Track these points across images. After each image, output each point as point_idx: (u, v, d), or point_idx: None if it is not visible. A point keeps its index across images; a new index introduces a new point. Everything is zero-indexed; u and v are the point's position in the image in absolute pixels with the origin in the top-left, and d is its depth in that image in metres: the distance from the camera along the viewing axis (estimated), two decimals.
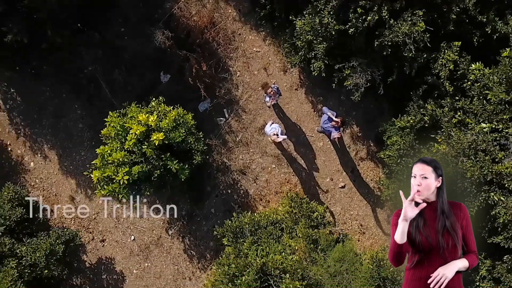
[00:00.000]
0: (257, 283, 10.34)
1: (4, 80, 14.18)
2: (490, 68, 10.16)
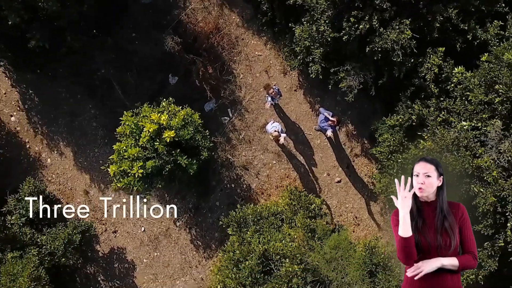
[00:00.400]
0: (259, 267, 11.34)
1: (23, 82, 15.21)
2: (471, 72, 11.19)
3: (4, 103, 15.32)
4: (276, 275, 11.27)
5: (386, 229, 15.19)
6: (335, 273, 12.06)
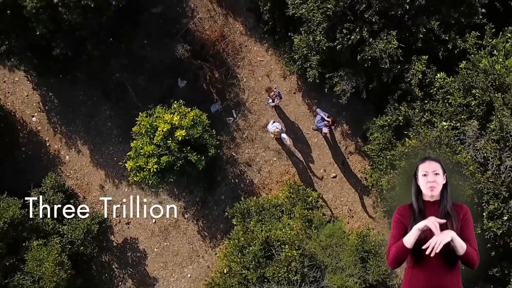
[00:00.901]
0: (262, 253, 12.64)
1: (44, 85, 16.50)
2: (452, 77, 12.48)
3: (26, 104, 16.61)
4: (277, 259, 12.57)
5: (378, 221, 16.49)
6: (330, 258, 13.35)
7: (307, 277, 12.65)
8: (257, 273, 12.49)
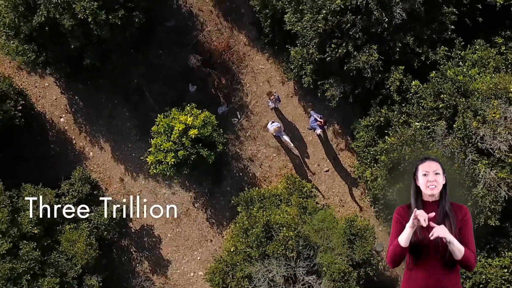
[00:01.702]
0: (263, 234, 14.82)
1: (70, 90, 18.69)
2: (425, 84, 14.67)
3: (55, 107, 18.81)
4: (276, 239, 14.76)
5: (365, 209, 18.68)
6: (322, 240, 15.52)
7: (301, 255, 14.84)
8: (259, 251, 14.69)
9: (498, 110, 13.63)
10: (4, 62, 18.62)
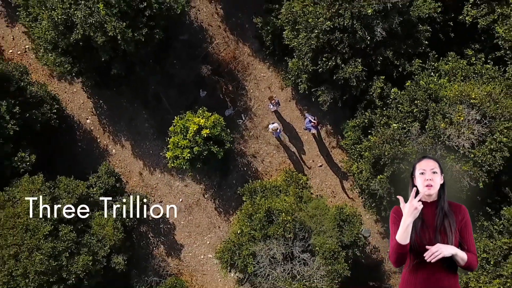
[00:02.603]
0: (265, 218, 17.41)
1: (96, 94, 21.30)
2: (402, 91, 17.27)
3: (82, 110, 21.43)
4: (276, 222, 17.36)
5: (354, 199, 21.29)
6: (315, 224, 18.11)
7: (297, 236, 17.44)
8: (261, 232, 17.29)
9: (462, 113, 16.23)
10: (37, 70, 21.25)
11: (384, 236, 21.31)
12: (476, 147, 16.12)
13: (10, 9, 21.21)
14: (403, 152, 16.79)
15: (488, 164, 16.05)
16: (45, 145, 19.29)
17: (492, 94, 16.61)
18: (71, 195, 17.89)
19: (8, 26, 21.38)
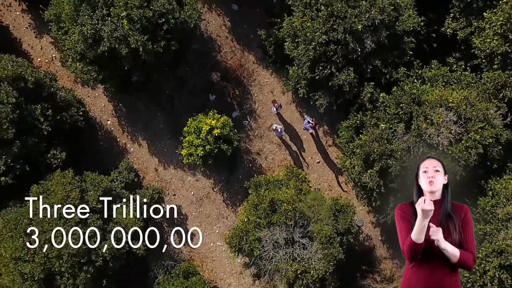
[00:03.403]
0: (269, 207, 19.74)
1: (116, 98, 23.65)
2: (389, 96, 19.62)
3: (103, 112, 23.79)
4: (279, 211, 19.70)
5: (348, 192, 23.63)
6: (313, 213, 20.44)
7: (298, 223, 19.78)
8: (266, 220, 19.63)
9: (442, 115, 18.58)
10: (63, 77, 23.61)
11: (376, 225, 23.65)
12: (453, 145, 18.46)
13: (38, 21, 23.57)
14: (390, 149, 19.14)
15: (464, 159, 18.37)
16: (73, 144, 21.60)
17: (468, 98, 18.98)
18: (96, 188, 20.21)
19: (36, 37, 23.74)
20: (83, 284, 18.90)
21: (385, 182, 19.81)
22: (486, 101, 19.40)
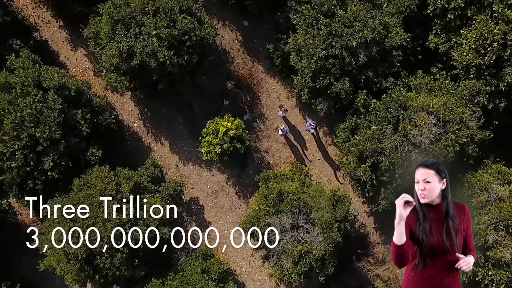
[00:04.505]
0: (277, 198, 23.04)
1: (141, 103, 26.96)
2: (380, 102, 22.93)
3: (130, 115, 27.11)
4: (285, 201, 22.99)
5: (345, 186, 26.93)
6: (315, 203, 23.74)
7: (301, 211, 23.09)
8: (274, 208, 22.94)
9: (424, 118, 21.89)
10: (95, 85, 26.93)
11: (370, 214, 26.95)
12: (434, 144, 21.79)
13: (74, 36, 26.90)
14: (380, 148, 22.47)
15: (443, 156, 21.68)
16: (107, 144, 24.90)
17: (447, 103, 22.33)
18: (128, 181, 23.52)
19: (72, 50, 27.08)
20: (119, 263, 22.20)
21: (376, 175, 23.13)
22: (463, 106, 22.76)
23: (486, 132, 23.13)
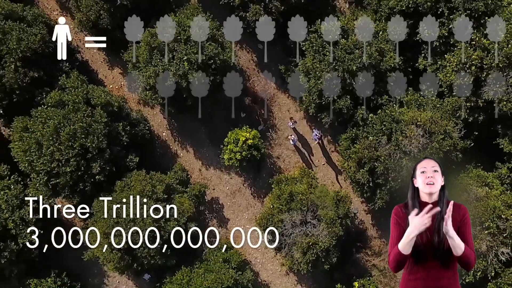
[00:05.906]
0: (288, 197, 27.04)
1: (169, 116, 31.01)
2: (376, 116, 26.94)
3: (160, 126, 31.17)
4: (295, 200, 27.01)
5: (347, 186, 30.95)
6: (320, 202, 27.76)
7: (309, 209, 27.10)
8: (286, 207, 26.95)
9: (413, 130, 25.93)
10: (129, 99, 30.99)
11: (368, 212, 30.97)
12: (421, 152, 25.81)
13: (111, 57, 30.97)
14: (376, 155, 26.51)
15: None
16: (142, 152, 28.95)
17: (433, 117, 26.37)
18: (162, 184, 27.57)
19: (109, 69, 31.16)
20: (155, 252, 26.23)
21: (373, 178, 27.13)
22: (447, 120, 26.81)
23: (467, 141, 27.16)
